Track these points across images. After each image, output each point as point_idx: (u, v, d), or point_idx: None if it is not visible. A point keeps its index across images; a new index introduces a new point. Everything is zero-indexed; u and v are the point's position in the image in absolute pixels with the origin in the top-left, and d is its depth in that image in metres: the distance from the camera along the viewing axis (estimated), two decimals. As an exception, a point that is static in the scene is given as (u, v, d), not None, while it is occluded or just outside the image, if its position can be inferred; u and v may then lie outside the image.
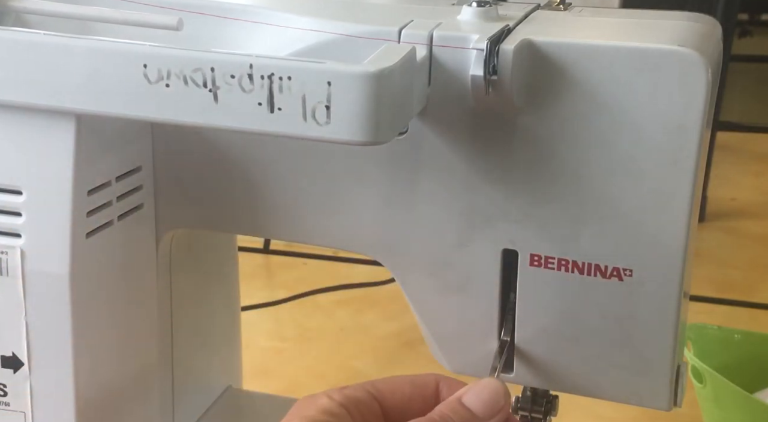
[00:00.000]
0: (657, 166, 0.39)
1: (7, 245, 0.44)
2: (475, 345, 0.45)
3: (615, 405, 0.46)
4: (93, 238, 0.45)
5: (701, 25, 0.42)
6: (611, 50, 0.38)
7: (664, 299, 0.41)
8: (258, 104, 0.37)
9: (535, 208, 0.42)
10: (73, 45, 0.39)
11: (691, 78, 0.38)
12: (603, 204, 0.40)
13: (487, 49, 0.38)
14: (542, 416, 0.48)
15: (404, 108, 0.38)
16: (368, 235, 0.46)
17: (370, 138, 0.36)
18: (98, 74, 0.39)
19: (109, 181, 0.45)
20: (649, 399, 0.44)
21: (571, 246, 0.42)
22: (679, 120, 0.38)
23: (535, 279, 0.43)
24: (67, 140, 0.42)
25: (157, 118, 0.39)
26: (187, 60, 0.37)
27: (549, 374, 0.45)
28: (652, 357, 0.42)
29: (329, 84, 0.35)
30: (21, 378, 0.46)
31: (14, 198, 0.44)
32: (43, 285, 0.44)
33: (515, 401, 0.48)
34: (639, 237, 0.40)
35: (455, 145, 0.42)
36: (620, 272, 0.41)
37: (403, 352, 1.01)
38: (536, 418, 0.48)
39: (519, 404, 0.48)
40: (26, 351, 0.45)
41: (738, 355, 1.01)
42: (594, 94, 0.39)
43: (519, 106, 0.40)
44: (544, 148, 0.41)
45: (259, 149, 0.46)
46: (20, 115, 0.42)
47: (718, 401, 0.94)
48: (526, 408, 0.48)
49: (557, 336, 0.43)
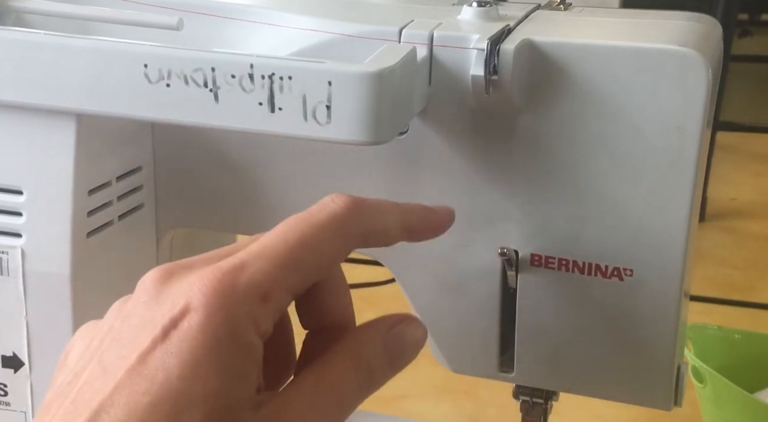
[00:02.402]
0: (657, 166, 0.39)
1: (7, 245, 0.44)
2: (475, 345, 0.45)
3: (615, 405, 0.46)
4: (93, 238, 0.45)
5: (701, 25, 0.42)
6: (611, 50, 0.38)
7: (664, 299, 0.41)
8: (258, 104, 0.37)
9: (535, 208, 0.42)
10: (74, 45, 0.39)
11: (691, 78, 0.38)
12: (603, 204, 0.41)
13: (487, 48, 0.38)
14: (543, 401, 0.47)
15: (404, 108, 0.38)
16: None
17: (371, 138, 0.36)
18: (99, 74, 0.39)
19: (110, 180, 0.45)
20: (650, 399, 0.44)
21: (571, 246, 0.42)
22: (679, 120, 0.38)
23: (535, 279, 0.43)
24: (68, 140, 0.42)
25: (158, 117, 0.39)
26: (188, 60, 0.37)
27: (549, 374, 0.45)
28: (652, 357, 0.43)
29: (330, 84, 0.35)
30: (21, 378, 0.46)
31: (14, 198, 0.44)
32: (43, 285, 0.44)
33: (515, 386, 0.48)
34: (639, 237, 0.40)
35: (455, 145, 0.42)
36: (620, 272, 0.41)
37: (403, 352, 1.01)
38: (537, 403, 0.47)
39: (520, 389, 0.48)
40: (27, 351, 0.45)
41: (738, 355, 1.02)
42: (594, 94, 0.39)
43: (519, 106, 0.40)
44: (544, 148, 0.41)
45: (259, 149, 0.46)
46: (20, 115, 0.42)
47: (718, 401, 0.94)
48: (527, 393, 0.47)
49: (557, 336, 0.43)
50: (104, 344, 0.30)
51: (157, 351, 0.29)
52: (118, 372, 0.29)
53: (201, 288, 0.29)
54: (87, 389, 0.29)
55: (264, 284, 0.30)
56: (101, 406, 0.28)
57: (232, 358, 0.29)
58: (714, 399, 0.94)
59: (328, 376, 0.32)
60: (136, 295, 0.31)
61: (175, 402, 0.28)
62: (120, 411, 0.28)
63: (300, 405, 0.31)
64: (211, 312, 0.29)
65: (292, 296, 0.31)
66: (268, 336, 0.30)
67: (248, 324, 0.29)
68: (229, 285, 0.29)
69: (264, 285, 0.30)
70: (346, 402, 0.32)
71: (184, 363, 0.28)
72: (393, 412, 1.04)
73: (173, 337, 0.29)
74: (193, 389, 0.28)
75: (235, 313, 0.29)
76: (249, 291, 0.30)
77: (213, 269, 0.30)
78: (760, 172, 1.90)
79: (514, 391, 0.48)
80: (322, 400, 0.31)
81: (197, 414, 0.28)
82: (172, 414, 0.28)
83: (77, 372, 0.30)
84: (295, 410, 0.31)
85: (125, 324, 0.30)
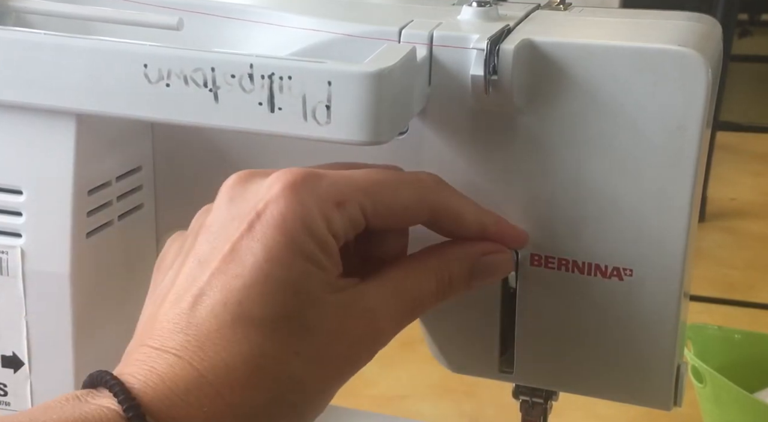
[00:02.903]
0: (657, 166, 0.39)
1: (7, 245, 0.44)
2: (475, 345, 0.45)
3: (615, 405, 0.46)
4: (93, 238, 0.45)
5: (701, 25, 0.42)
6: (611, 50, 0.38)
7: (664, 299, 0.41)
8: (258, 104, 0.37)
9: (535, 208, 0.42)
10: (74, 45, 0.39)
11: (691, 78, 0.38)
12: (603, 204, 0.40)
13: (487, 48, 0.38)
14: (543, 400, 0.47)
15: (404, 108, 0.38)
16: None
17: (371, 138, 0.36)
18: (98, 74, 0.39)
19: (109, 180, 0.45)
20: (650, 399, 0.44)
21: (571, 246, 0.42)
22: (679, 120, 0.38)
23: (535, 279, 0.43)
24: (67, 140, 0.42)
25: (158, 117, 0.39)
26: (188, 60, 0.37)
27: (549, 374, 0.45)
28: (652, 357, 0.42)
29: (329, 84, 0.35)
30: (21, 378, 0.46)
31: (14, 198, 0.44)
32: (43, 285, 0.44)
33: (515, 386, 0.48)
34: (639, 237, 0.40)
35: (455, 145, 0.42)
36: (620, 272, 0.41)
37: (403, 352, 1.01)
38: (537, 403, 0.48)
39: (519, 388, 0.48)
40: (26, 350, 0.45)
41: (738, 355, 1.02)
42: (594, 94, 0.39)
43: (519, 106, 0.40)
44: (544, 148, 0.41)
45: (259, 149, 0.46)
46: (20, 115, 0.42)
47: (718, 401, 0.94)
48: (527, 393, 0.47)
49: (557, 336, 0.43)
50: (198, 241, 0.34)
51: (245, 240, 0.32)
52: (212, 262, 0.32)
53: (284, 183, 0.33)
54: (186, 279, 0.33)
55: (340, 194, 0.34)
56: (201, 290, 0.32)
57: (308, 247, 0.33)
58: (714, 399, 0.94)
59: (410, 277, 0.36)
60: (219, 198, 0.35)
61: (265, 283, 0.32)
62: (218, 293, 0.32)
63: (378, 296, 0.35)
64: (289, 204, 0.33)
65: (364, 216, 0.35)
66: (341, 240, 0.34)
67: (322, 220, 0.33)
68: (309, 185, 0.33)
69: (340, 194, 0.34)
70: (418, 305, 0.36)
71: (269, 248, 0.32)
72: (393, 412, 1.04)
73: (257, 226, 0.32)
74: (279, 272, 0.32)
75: (311, 208, 0.33)
76: (326, 194, 0.34)
77: (294, 170, 0.34)
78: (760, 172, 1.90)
79: (514, 391, 0.48)
80: (399, 297, 0.35)
81: (284, 295, 0.32)
82: (264, 294, 0.32)
83: (176, 268, 0.34)
84: (371, 298, 0.34)
85: (215, 222, 0.34)
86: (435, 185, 0.38)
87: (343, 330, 0.33)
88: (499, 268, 0.39)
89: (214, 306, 0.31)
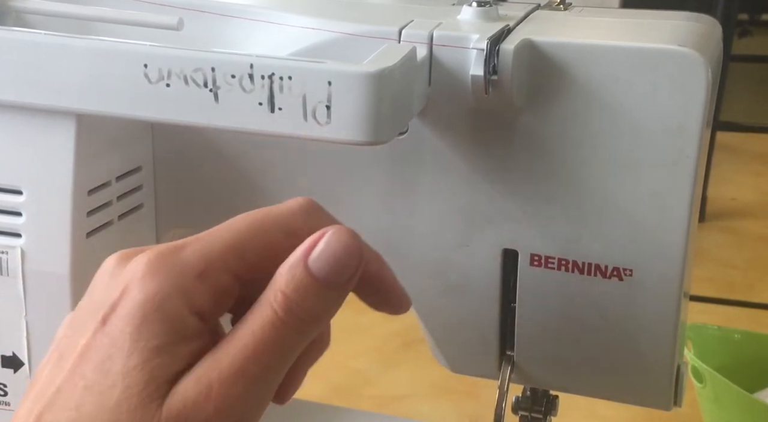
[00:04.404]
0: (657, 166, 0.39)
1: (7, 245, 0.44)
2: (475, 345, 0.45)
3: (615, 405, 0.46)
4: (93, 238, 0.45)
5: (701, 25, 0.42)
6: (611, 50, 0.39)
7: (664, 299, 0.41)
8: (258, 104, 0.37)
9: (535, 208, 0.42)
10: (74, 45, 0.39)
11: (691, 78, 0.38)
12: (603, 204, 0.41)
13: (487, 48, 0.38)
14: (542, 416, 0.48)
15: (404, 108, 0.38)
16: (368, 235, 0.45)
17: (371, 138, 0.36)
18: (98, 74, 0.39)
19: (109, 180, 0.45)
20: (649, 399, 0.44)
21: (571, 246, 0.42)
22: (679, 120, 0.38)
23: (535, 279, 0.43)
24: (68, 140, 0.42)
25: (158, 118, 0.39)
26: (188, 60, 0.37)
27: (549, 374, 0.45)
28: (652, 357, 0.43)
29: (329, 84, 0.35)
30: (21, 378, 0.46)
31: (14, 198, 0.44)
32: (43, 285, 0.44)
33: (515, 401, 0.48)
34: (639, 237, 0.40)
35: (455, 145, 0.42)
36: (620, 272, 0.41)
37: (403, 352, 1.01)
38: (536, 418, 0.48)
39: (519, 404, 0.48)
40: (26, 351, 0.45)
41: (738, 355, 1.02)
42: (594, 94, 0.39)
43: (519, 106, 0.40)
44: (544, 148, 0.41)
45: (260, 149, 0.46)
46: (20, 115, 0.42)
47: (718, 401, 0.94)
48: (526, 408, 0.48)
49: (557, 336, 0.43)
50: (65, 332, 0.32)
51: (97, 336, 0.30)
52: (67, 362, 0.31)
53: (142, 266, 0.31)
54: (46, 377, 0.31)
55: (200, 263, 0.31)
56: (52, 399, 0.31)
57: (156, 332, 0.30)
58: (714, 399, 0.94)
59: (246, 324, 0.31)
60: (92, 281, 0.33)
61: (101, 382, 0.30)
62: (66, 403, 0.30)
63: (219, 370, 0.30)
64: (143, 289, 0.30)
65: (234, 278, 0.32)
66: (209, 315, 0.31)
67: (179, 299, 0.30)
68: (168, 263, 0.31)
69: (200, 264, 0.31)
70: (269, 342, 0.31)
71: (114, 342, 0.30)
72: (393, 412, 1.04)
73: (110, 320, 0.30)
74: (115, 366, 0.30)
75: (166, 289, 0.30)
76: (184, 269, 0.31)
77: (154, 249, 0.31)
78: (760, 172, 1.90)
79: (513, 406, 0.48)
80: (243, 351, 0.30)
81: (117, 391, 0.29)
82: (101, 393, 0.30)
83: (49, 357, 0.33)
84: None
85: (80, 312, 0.32)
86: (303, 210, 0.34)
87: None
88: (336, 251, 0.32)
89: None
